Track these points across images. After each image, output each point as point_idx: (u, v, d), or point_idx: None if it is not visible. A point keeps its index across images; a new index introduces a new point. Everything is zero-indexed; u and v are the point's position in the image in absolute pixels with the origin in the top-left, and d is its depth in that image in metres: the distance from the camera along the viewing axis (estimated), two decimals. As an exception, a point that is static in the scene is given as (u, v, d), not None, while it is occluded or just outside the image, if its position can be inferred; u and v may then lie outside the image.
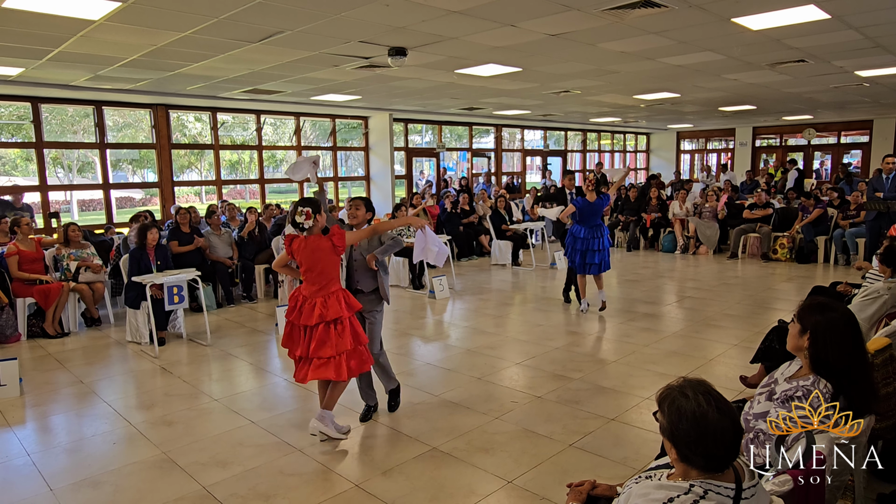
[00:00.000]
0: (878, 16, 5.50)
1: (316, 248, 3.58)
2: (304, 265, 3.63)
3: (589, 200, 6.57)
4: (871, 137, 16.59)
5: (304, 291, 3.66)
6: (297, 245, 3.63)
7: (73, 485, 3.29)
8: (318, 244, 3.58)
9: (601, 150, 19.66)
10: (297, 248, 3.63)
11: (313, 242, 3.59)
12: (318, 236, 3.60)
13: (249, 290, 8.04)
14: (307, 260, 3.60)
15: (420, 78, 8.33)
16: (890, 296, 3.71)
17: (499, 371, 4.98)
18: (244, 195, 15.39)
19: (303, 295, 3.65)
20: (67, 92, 8.53)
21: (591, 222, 6.63)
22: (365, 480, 3.26)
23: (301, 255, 3.62)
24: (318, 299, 3.59)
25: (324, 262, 3.59)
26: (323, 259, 3.58)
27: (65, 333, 6.42)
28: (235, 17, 5.00)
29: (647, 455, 3.38)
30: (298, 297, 3.68)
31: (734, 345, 5.51)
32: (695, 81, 9.16)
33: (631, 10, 5.08)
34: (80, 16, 4.87)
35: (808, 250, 9.87)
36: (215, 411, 4.29)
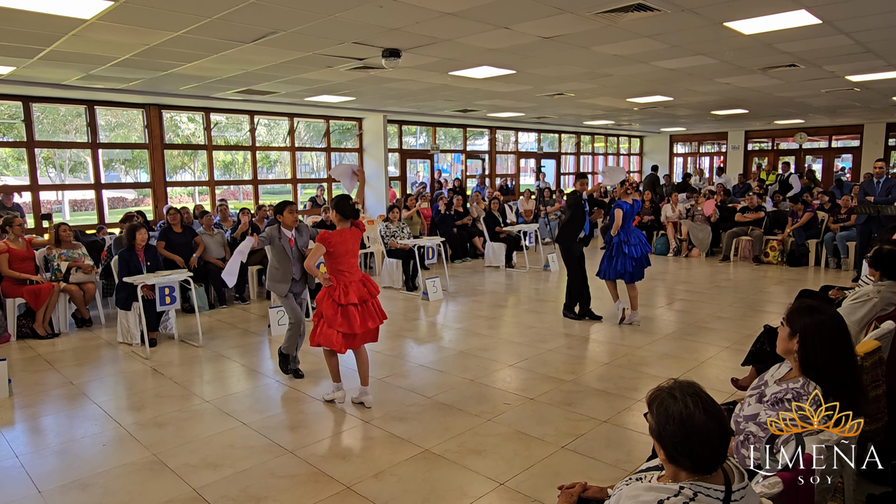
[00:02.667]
0: (868, 21, 5.54)
1: (354, 237, 4.24)
2: (348, 254, 4.19)
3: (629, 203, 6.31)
4: (862, 142, 16.73)
5: (348, 276, 4.18)
6: (338, 238, 4.14)
7: (62, 487, 3.26)
8: (355, 233, 4.25)
9: (595, 153, 19.72)
10: (342, 240, 4.15)
11: (354, 232, 4.24)
12: (351, 228, 4.24)
13: (242, 292, 8.01)
14: (351, 249, 4.21)
15: (414, 79, 8.33)
16: (880, 299, 3.73)
17: (492, 373, 4.98)
18: (237, 196, 15.34)
19: (346, 280, 4.17)
20: (59, 91, 8.48)
21: (629, 226, 6.34)
22: (356, 482, 3.25)
23: (345, 246, 4.17)
24: (358, 281, 4.21)
25: (356, 250, 4.29)
26: (356, 247, 4.28)
27: (55, 334, 6.37)
28: (228, 17, 4.98)
29: (638, 457, 3.39)
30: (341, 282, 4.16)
31: (726, 347, 5.54)
32: (687, 85, 9.21)
33: (624, 14, 5.10)
34: (72, 14, 4.83)
35: (800, 254, 9.94)
36: (206, 413, 4.27)
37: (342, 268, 4.18)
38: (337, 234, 4.17)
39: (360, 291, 4.17)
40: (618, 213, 6.24)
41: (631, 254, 6.24)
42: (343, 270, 4.18)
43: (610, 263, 6.35)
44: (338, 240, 4.14)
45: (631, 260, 6.26)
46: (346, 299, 4.11)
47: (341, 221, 4.22)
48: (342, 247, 4.16)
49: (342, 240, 4.16)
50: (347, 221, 4.22)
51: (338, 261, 4.17)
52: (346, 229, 4.21)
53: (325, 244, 4.11)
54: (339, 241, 4.15)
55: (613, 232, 6.33)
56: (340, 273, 4.18)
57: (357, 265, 4.29)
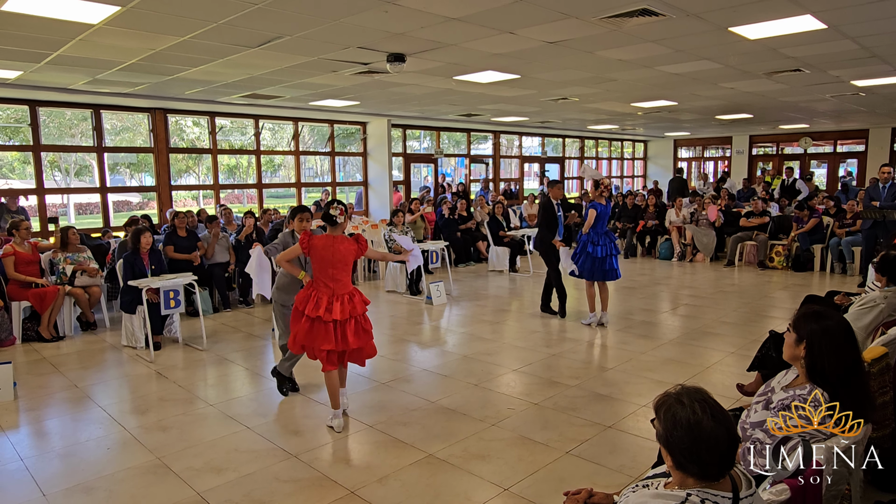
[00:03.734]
0: (874, 26, 5.53)
1: (342, 248, 3.94)
2: (325, 262, 3.91)
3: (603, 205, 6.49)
4: (867, 146, 16.67)
5: (325, 289, 3.91)
6: (320, 242, 3.91)
7: (66, 490, 3.26)
8: (346, 245, 3.97)
9: (598, 157, 19.71)
10: (321, 245, 3.90)
11: (340, 242, 3.95)
12: (343, 237, 4.00)
13: (246, 295, 8.03)
14: (330, 257, 3.90)
15: (418, 84, 8.35)
16: (886, 304, 3.72)
17: (495, 377, 4.97)
18: (242, 199, 15.39)
19: (324, 293, 3.90)
20: (65, 95, 8.53)
21: (603, 228, 6.53)
22: (360, 487, 3.25)
23: (324, 252, 3.90)
24: (344, 296, 3.93)
25: (347, 261, 3.98)
26: (347, 259, 3.97)
27: (60, 337, 6.39)
28: (234, 21, 5.00)
29: (644, 463, 3.37)
30: (316, 295, 3.90)
31: (731, 353, 5.51)
32: (692, 89, 9.20)
33: (629, 19, 5.10)
34: (79, 19, 4.86)
35: (805, 258, 9.90)
36: (210, 417, 4.27)
37: (321, 277, 3.92)
38: (322, 238, 3.94)
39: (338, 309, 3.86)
40: (591, 213, 6.42)
41: (595, 253, 6.40)
42: (322, 280, 3.92)
43: (575, 260, 6.59)
44: (320, 244, 3.91)
45: (593, 259, 6.41)
46: (315, 312, 3.84)
47: (330, 228, 3.98)
48: (322, 252, 3.90)
49: (325, 245, 3.90)
50: (336, 228, 3.96)
51: (318, 268, 3.93)
52: (337, 237, 3.95)
53: (301, 244, 3.91)
54: (320, 245, 3.90)
55: (584, 230, 6.51)
56: (319, 282, 3.93)
57: (345, 280, 3.97)
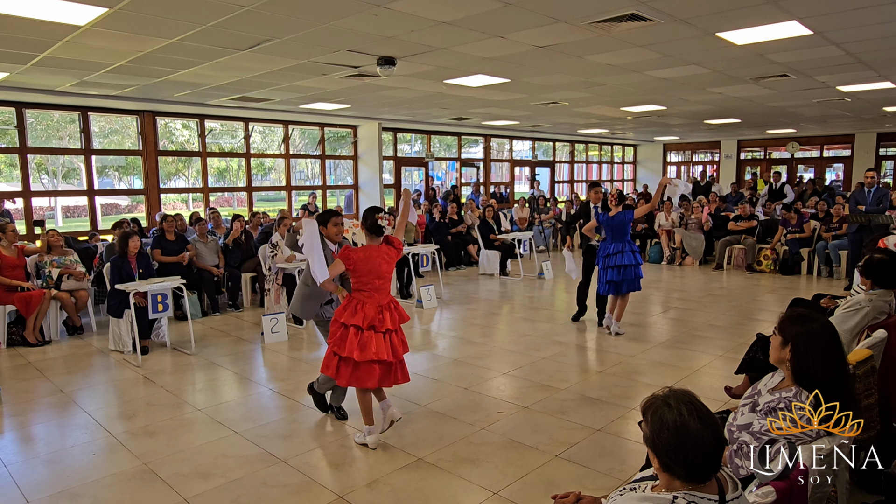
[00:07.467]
0: (858, 32, 5.60)
1: (383, 255, 3.78)
2: (370, 273, 3.72)
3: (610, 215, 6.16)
4: (853, 151, 16.88)
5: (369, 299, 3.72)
6: (359, 255, 3.71)
7: (51, 496, 3.22)
8: (385, 251, 3.80)
9: (589, 161, 19.81)
10: (363, 258, 3.71)
11: (385, 251, 3.79)
12: (383, 245, 3.82)
13: (235, 299, 7.98)
14: (376, 268, 3.73)
15: (409, 87, 8.36)
16: (871, 307, 3.75)
17: (485, 381, 4.97)
18: (231, 203, 15.31)
19: (369, 304, 3.72)
20: (53, 97, 8.46)
21: (618, 238, 6.17)
22: (349, 492, 3.23)
23: (368, 264, 3.72)
24: (392, 304, 3.82)
25: (390, 268, 3.84)
26: (391, 266, 3.83)
27: (46, 342, 6.31)
28: (223, 24, 4.99)
29: (632, 466, 3.38)
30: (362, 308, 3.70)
31: (719, 355, 5.55)
32: (680, 94, 9.27)
33: (618, 24, 5.13)
34: (66, 21, 4.82)
35: (793, 262, 10.00)
36: (198, 422, 4.24)
37: (363, 288, 3.75)
38: (362, 250, 3.78)
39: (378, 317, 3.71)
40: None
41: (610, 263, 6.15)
42: (363, 290, 3.75)
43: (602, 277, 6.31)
44: (361, 256, 3.73)
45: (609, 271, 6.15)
46: (352, 320, 3.68)
47: (368, 238, 3.84)
48: (367, 265, 3.73)
49: (366, 257, 3.73)
50: (376, 238, 3.82)
51: (359, 280, 3.75)
52: (374, 246, 3.78)
53: (344, 260, 3.72)
54: (362, 258, 3.73)
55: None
56: (359, 293, 3.76)
57: (386, 288, 3.82)
